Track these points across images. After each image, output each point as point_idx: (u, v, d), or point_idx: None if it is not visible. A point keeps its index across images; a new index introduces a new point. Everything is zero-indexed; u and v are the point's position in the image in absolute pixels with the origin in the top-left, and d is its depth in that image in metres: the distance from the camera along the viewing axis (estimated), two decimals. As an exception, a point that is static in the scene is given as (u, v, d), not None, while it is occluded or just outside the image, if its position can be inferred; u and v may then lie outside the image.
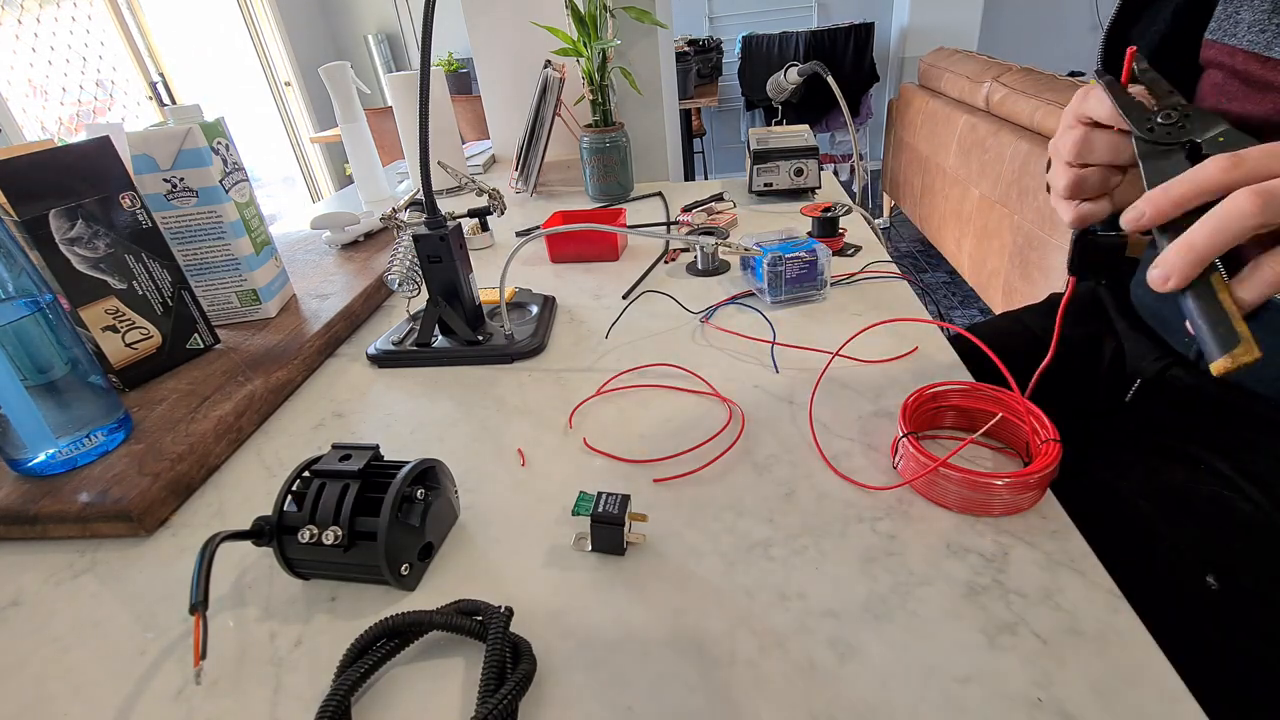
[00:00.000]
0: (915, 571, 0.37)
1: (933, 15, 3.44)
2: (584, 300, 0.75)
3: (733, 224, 0.95)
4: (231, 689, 0.34)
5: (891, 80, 3.68)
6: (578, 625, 0.36)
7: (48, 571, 0.43)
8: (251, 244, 0.69)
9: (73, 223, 0.53)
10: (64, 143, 0.55)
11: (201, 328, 0.64)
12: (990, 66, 2.14)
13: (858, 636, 0.33)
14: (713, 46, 3.48)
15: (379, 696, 0.33)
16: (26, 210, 0.50)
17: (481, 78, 1.38)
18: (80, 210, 0.53)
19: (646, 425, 0.52)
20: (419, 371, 0.64)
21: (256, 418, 0.57)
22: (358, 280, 0.80)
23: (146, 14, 3.07)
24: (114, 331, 0.57)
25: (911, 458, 0.42)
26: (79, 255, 0.53)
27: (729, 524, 0.41)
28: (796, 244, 0.68)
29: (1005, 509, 0.40)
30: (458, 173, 0.99)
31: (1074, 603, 0.34)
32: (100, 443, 0.49)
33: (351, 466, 0.38)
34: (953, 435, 0.47)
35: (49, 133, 2.59)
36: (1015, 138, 1.84)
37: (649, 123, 1.27)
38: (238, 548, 0.39)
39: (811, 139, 1.01)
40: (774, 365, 0.58)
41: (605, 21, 1.02)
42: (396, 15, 3.90)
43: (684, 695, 0.31)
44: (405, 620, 0.33)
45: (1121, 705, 0.29)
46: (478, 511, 0.45)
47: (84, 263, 0.54)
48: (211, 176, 0.64)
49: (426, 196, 0.59)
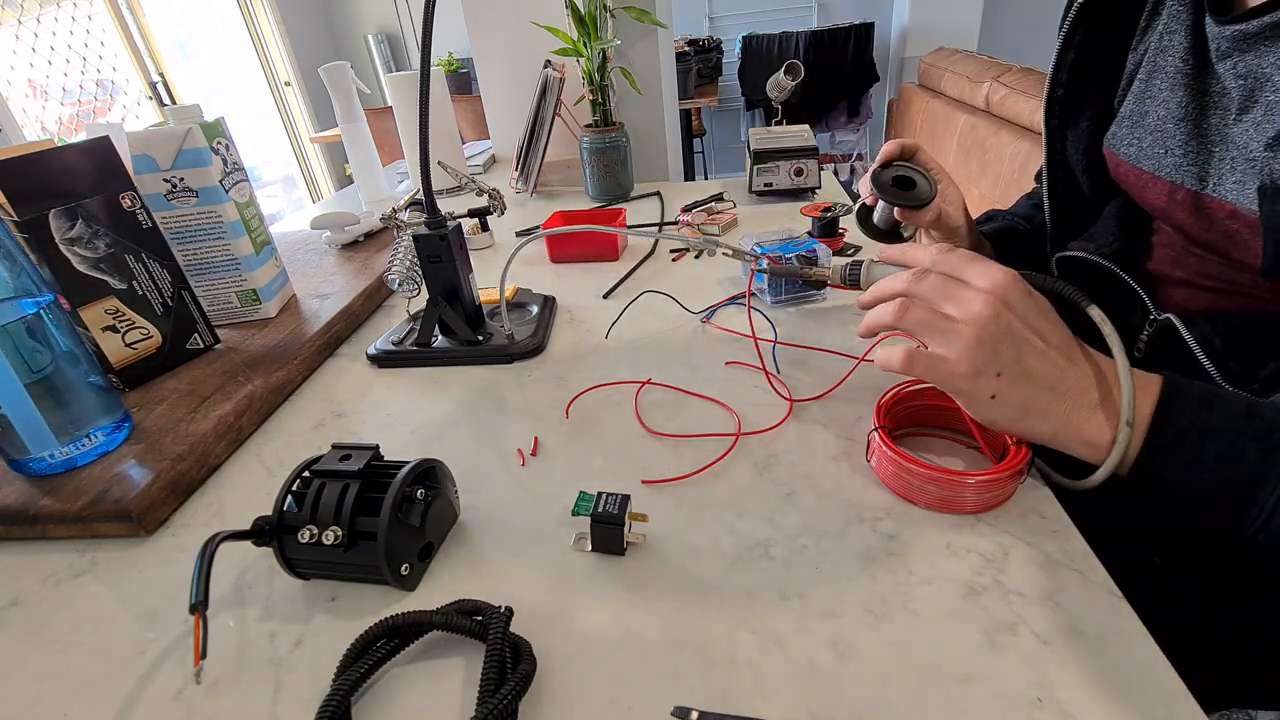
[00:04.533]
0: (915, 571, 0.37)
1: (933, 15, 3.44)
2: (584, 300, 0.75)
3: (733, 224, 0.95)
4: (231, 689, 0.34)
5: (891, 80, 3.68)
6: (578, 625, 0.36)
7: (48, 571, 0.43)
8: (251, 244, 0.69)
9: (72, 223, 0.53)
10: (64, 143, 0.54)
11: (201, 328, 0.64)
12: (990, 66, 2.14)
13: (858, 636, 0.33)
14: (713, 46, 3.48)
15: (379, 696, 0.33)
16: (26, 210, 0.50)
17: (481, 78, 1.38)
18: (80, 210, 0.53)
19: (646, 425, 0.52)
20: (419, 371, 0.64)
21: (256, 418, 0.57)
22: (358, 280, 0.80)
23: (146, 14, 3.07)
24: (114, 331, 0.57)
25: (883, 453, 0.42)
26: (79, 255, 0.53)
27: (729, 524, 0.41)
28: (796, 244, 0.68)
29: (978, 506, 0.40)
30: (458, 173, 0.99)
31: (1074, 603, 0.34)
32: (100, 443, 0.49)
33: (351, 466, 0.38)
34: (935, 434, 0.48)
35: (49, 133, 2.59)
36: (1015, 138, 1.84)
37: (649, 123, 1.27)
38: (238, 548, 0.39)
39: (811, 139, 1.01)
40: (775, 365, 0.58)
41: (605, 21, 1.02)
42: (396, 15, 3.90)
43: (684, 695, 0.31)
44: (405, 620, 0.33)
45: (1121, 705, 0.29)
46: (478, 511, 0.45)
47: (84, 263, 0.54)
48: (211, 176, 0.64)
49: (426, 196, 0.59)
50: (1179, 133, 0.44)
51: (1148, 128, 0.47)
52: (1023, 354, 0.36)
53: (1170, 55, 0.45)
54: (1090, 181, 0.56)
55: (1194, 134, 0.43)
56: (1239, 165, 0.40)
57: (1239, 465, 0.34)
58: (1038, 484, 0.42)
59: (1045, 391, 0.37)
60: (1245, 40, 0.39)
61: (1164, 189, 0.45)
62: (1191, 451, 0.35)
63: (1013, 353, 0.36)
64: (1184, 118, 0.44)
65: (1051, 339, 0.37)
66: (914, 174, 0.55)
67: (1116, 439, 0.36)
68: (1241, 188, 0.40)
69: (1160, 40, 0.47)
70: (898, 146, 0.56)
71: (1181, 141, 0.44)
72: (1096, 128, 0.54)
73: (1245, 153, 0.39)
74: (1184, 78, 0.44)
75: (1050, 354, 0.37)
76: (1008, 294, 0.37)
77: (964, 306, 0.37)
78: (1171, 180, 0.45)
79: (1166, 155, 0.45)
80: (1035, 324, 0.37)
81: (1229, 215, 0.41)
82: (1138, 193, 0.49)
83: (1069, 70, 0.53)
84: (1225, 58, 0.41)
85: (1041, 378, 0.37)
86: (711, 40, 3.52)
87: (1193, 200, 0.43)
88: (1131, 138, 0.48)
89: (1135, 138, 0.48)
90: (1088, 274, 0.52)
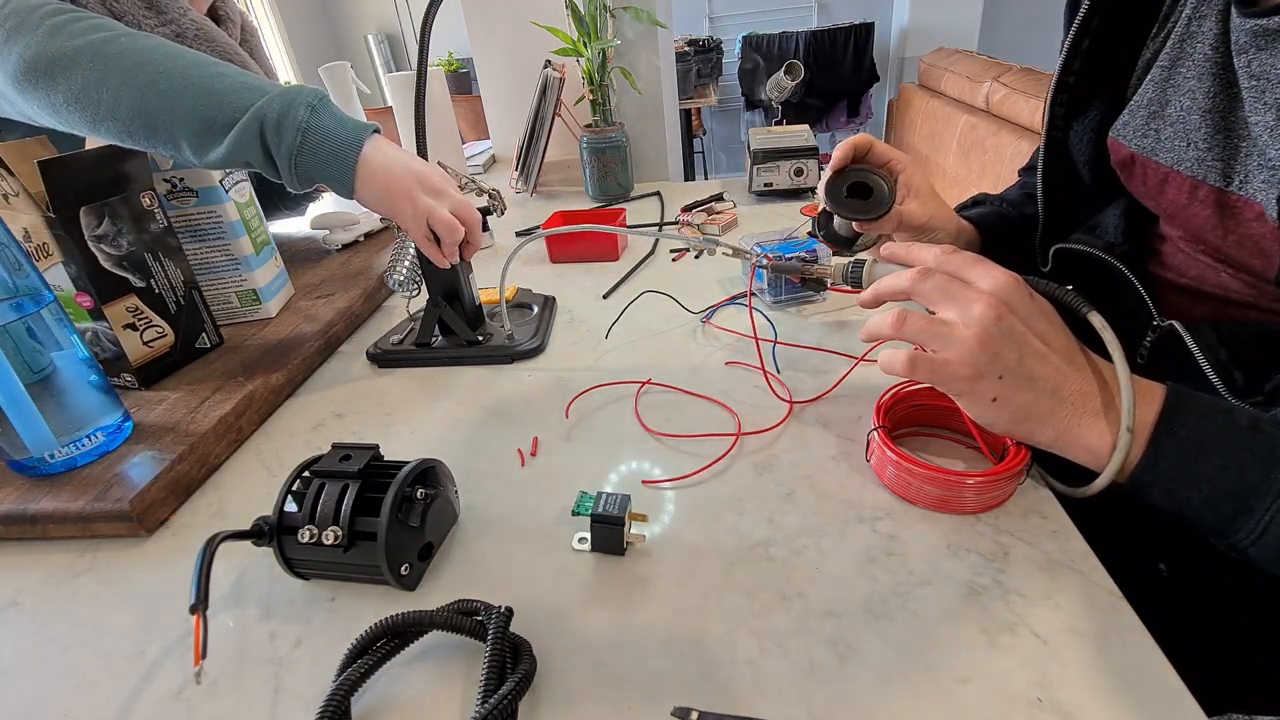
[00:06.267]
0: (915, 571, 0.37)
1: (933, 15, 3.44)
2: (584, 300, 0.75)
3: (733, 224, 0.95)
4: (231, 689, 0.34)
5: (891, 80, 3.67)
6: (578, 625, 0.36)
7: (48, 571, 0.43)
8: (251, 244, 0.69)
9: (100, 220, 0.53)
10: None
11: (209, 327, 0.64)
12: (990, 66, 2.14)
13: (858, 636, 0.33)
14: (713, 46, 3.48)
15: (379, 696, 0.33)
16: (62, 207, 0.51)
17: (481, 78, 1.38)
18: (106, 208, 0.54)
19: (646, 425, 0.52)
20: (419, 371, 0.64)
21: (256, 418, 0.57)
22: (358, 280, 0.80)
23: (146, 14, 3.07)
24: (133, 330, 0.57)
25: (883, 453, 0.42)
26: (104, 253, 0.54)
27: (729, 524, 0.41)
28: (796, 244, 0.68)
29: (978, 507, 0.40)
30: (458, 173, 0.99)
31: (1074, 603, 0.34)
32: (100, 443, 0.49)
33: (351, 467, 0.38)
34: (935, 434, 0.48)
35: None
36: (1015, 138, 1.84)
37: (649, 123, 1.27)
38: (238, 548, 0.39)
39: (811, 139, 1.01)
40: (775, 365, 0.58)
41: (605, 21, 1.02)
42: (396, 15, 3.89)
43: (684, 695, 0.31)
44: (405, 620, 0.33)
45: (1121, 705, 0.29)
46: (478, 511, 0.45)
47: (109, 260, 0.55)
48: (211, 176, 0.64)
49: (426, 196, 0.59)
50: (1204, 125, 0.41)
51: (1168, 118, 0.44)
52: (1025, 357, 0.36)
53: (1199, 42, 0.43)
54: (1094, 174, 0.54)
55: (1220, 127, 0.41)
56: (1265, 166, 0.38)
57: (1238, 479, 0.33)
58: (1037, 484, 0.42)
59: (1047, 396, 0.37)
60: (1263, 37, 0.37)
61: (1185, 184, 0.43)
62: (1191, 462, 0.35)
63: (1015, 356, 0.36)
64: (1211, 109, 0.41)
65: (1054, 343, 0.37)
66: (870, 178, 0.52)
67: (1117, 445, 0.36)
68: (1269, 189, 0.38)
69: (1189, 26, 0.44)
70: (849, 149, 0.53)
71: (1206, 134, 0.41)
72: (1106, 119, 0.52)
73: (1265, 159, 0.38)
74: (1214, 66, 0.41)
75: (1052, 358, 0.37)
76: (1010, 297, 0.36)
77: (966, 308, 0.36)
78: (1193, 175, 0.42)
79: (1188, 148, 0.42)
80: (1037, 327, 0.37)
81: (1257, 217, 0.39)
82: (1152, 188, 0.46)
83: (1083, 58, 0.51)
84: (1241, 52, 0.39)
85: (1043, 381, 0.37)
86: (711, 40, 3.52)
87: (1217, 198, 0.41)
88: (1148, 128, 0.46)
89: (1153, 128, 0.45)
90: (1087, 270, 0.51)
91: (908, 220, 0.55)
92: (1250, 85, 0.39)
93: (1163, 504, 0.36)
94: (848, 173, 0.53)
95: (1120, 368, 0.36)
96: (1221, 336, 0.41)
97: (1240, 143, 0.40)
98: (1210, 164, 0.41)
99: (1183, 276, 0.47)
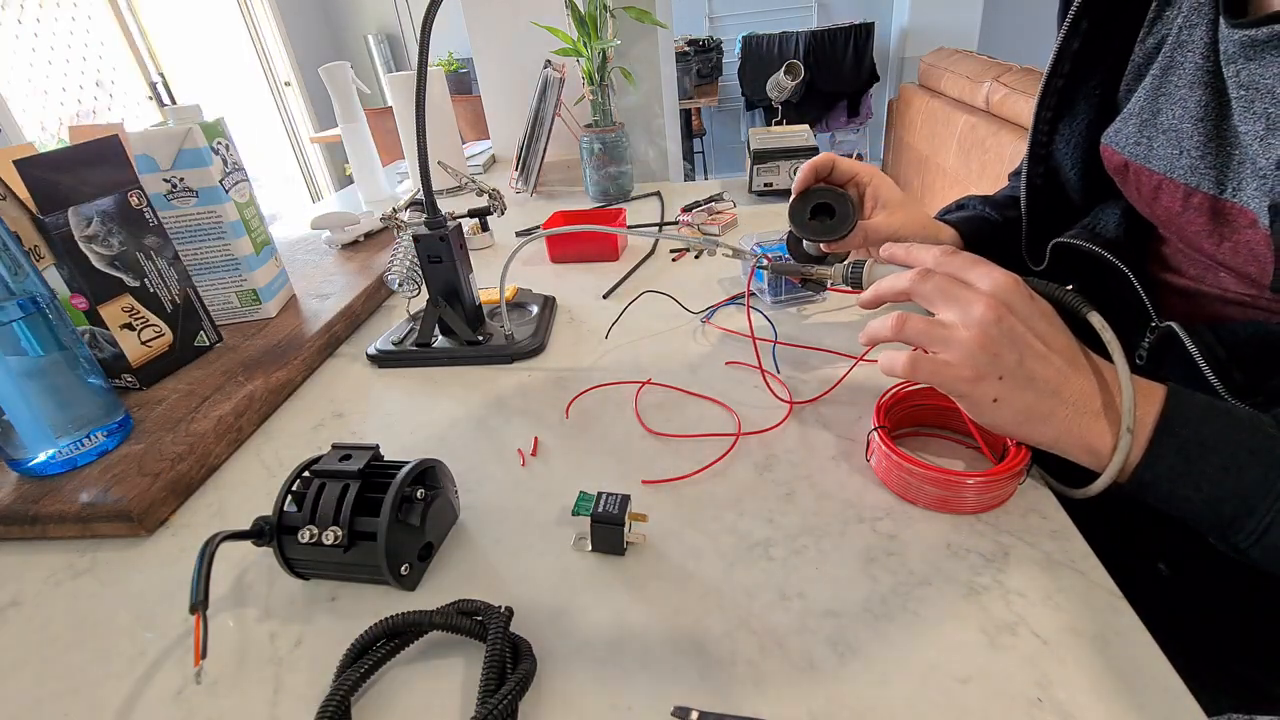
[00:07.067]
0: (915, 571, 0.37)
1: (933, 15, 3.44)
2: (584, 300, 0.75)
3: (733, 224, 0.95)
4: (231, 689, 0.34)
5: (891, 80, 3.67)
6: (578, 625, 0.36)
7: (48, 571, 0.43)
8: (251, 244, 0.69)
9: (89, 220, 0.53)
10: (64, 143, 0.55)
11: (207, 325, 0.64)
12: (990, 66, 2.14)
13: (858, 636, 0.33)
14: (713, 46, 3.48)
15: (379, 696, 0.33)
16: (48, 207, 0.51)
17: (481, 78, 1.38)
18: (95, 208, 0.54)
19: (646, 425, 0.52)
20: (419, 371, 0.64)
21: (256, 418, 0.57)
22: (358, 280, 0.80)
23: (146, 14, 3.07)
24: (130, 330, 0.57)
25: (883, 453, 0.42)
26: (96, 253, 0.54)
27: (729, 524, 0.41)
28: (796, 244, 0.68)
29: (978, 506, 0.40)
30: (458, 173, 0.99)
31: (1074, 603, 0.34)
32: (100, 443, 0.49)
33: (351, 467, 0.38)
34: (935, 434, 0.48)
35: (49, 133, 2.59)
36: (1015, 138, 1.84)
37: (649, 123, 1.27)
38: (238, 548, 0.39)
39: (811, 139, 1.01)
40: (775, 365, 0.58)
41: (605, 21, 1.02)
42: (396, 15, 3.89)
43: (684, 695, 0.31)
44: (405, 620, 0.33)
45: (1121, 705, 0.29)
46: (478, 511, 0.45)
47: (101, 260, 0.55)
48: (211, 176, 0.64)
49: (426, 196, 0.59)
50: (1196, 133, 0.42)
51: (1160, 126, 0.45)
52: (1025, 358, 0.36)
53: (1190, 51, 0.43)
54: (1081, 178, 0.54)
55: (1213, 135, 0.41)
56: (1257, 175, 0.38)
57: (1238, 480, 0.33)
58: (1037, 484, 0.42)
59: (1048, 396, 0.37)
60: (1252, 48, 0.38)
61: (1178, 191, 0.43)
62: (1192, 463, 0.35)
63: (1015, 356, 0.36)
64: (1203, 117, 0.42)
65: (1054, 343, 0.37)
66: (833, 198, 0.53)
67: (1118, 445, 0.36)
68: (1261, 197, 0.38)
69: (1179, 35, 0.44)
70: (810, 171, 0.54)
71: (1199, 143, 0.42)
72: (1095, 122, 0.52)
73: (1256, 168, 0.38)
74: (1205, 75, 0.41)
75: (1052, 358, 0.37)
76: (1010, 297, 0.36)
77: (966, 309, 0.36)
78: (1186, 183, 0.43)
79: (1181, 156, 0.43)
80: (1038, 328, 0.37)
81: (1250, 224, 0.39)
82: (1146, 195, 0.47)
83: (1071, 60, 0.51)
84: (1230, 62, 0.39)
85: (1044, 382, 0.36)
86: (711, 40, 3.53)
87: (1210, 205, 0.41)
88: (1140, 136, 0.46)
89: (1145, 136, 0.46)
90: (1086, 270, 0.51)
91: (873, 234, 0.55)
92: (1239, 95, 0.39)
93: (1163, 504, 0.36)
94: (810, 194, 0.54)
95: (1120, 368, 0.36)
96: (1220, 337, 0.41)
97: (1233, 150, 0.40)
98: (1203, 171, 0.42)
99: (1182, 276, 0.47)
